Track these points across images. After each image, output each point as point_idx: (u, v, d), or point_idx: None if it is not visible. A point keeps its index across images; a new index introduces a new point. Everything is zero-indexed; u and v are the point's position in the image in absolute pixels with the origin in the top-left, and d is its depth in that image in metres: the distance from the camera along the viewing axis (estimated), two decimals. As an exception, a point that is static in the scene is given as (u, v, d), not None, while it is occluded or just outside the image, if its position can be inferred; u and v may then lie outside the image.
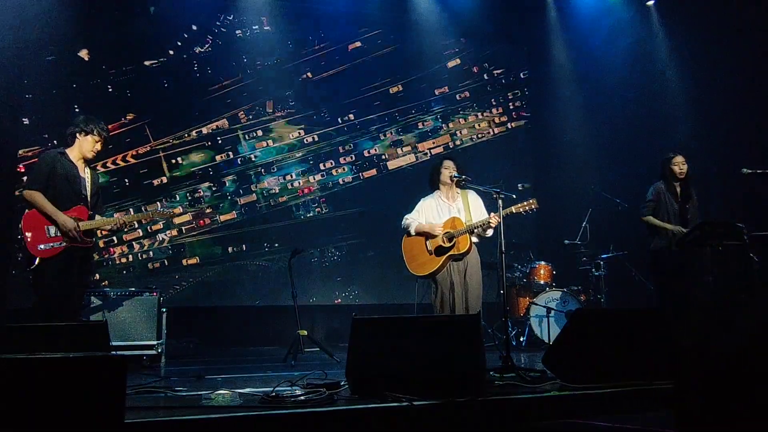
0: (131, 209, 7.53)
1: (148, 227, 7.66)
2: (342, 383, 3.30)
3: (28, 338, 3.32)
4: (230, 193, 8.05)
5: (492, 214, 4.63)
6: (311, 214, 8.36)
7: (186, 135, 7.95)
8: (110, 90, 7.62)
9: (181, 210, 7.76)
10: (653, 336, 3.68)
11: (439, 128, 9.02)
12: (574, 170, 8.46)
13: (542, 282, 7.05)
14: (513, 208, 4.52)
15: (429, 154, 8.87)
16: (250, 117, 8.25)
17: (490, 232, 4.81)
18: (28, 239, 4.17)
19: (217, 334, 7.20)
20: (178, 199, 7.79)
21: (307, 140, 8.41)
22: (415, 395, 2.89)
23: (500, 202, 4.40)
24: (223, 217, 7.98)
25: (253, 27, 8.38)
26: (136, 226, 7.53)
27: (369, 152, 8.70)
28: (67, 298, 4.26)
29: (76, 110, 7.16)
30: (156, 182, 7.74)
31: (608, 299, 6.88)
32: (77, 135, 4.46)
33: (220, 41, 8.24)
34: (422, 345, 3.25)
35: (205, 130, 8.04)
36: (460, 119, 9.14)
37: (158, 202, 7.70)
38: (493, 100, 9.30)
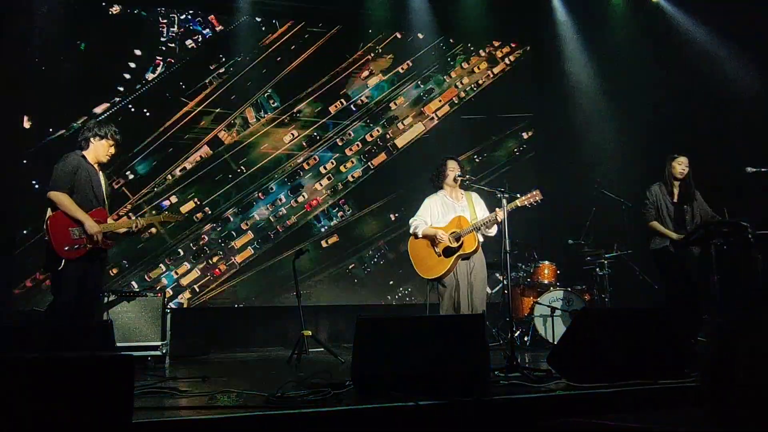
0: (134, 283, 6.86)
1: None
2: (347, 383, 3.30)
3: (33, 338, 3.34)
4: (238, 228, 7.28)
5: (497, 209, 4.65)
6: (335, 221, 7.63)
7: (168, 177, 7.09)
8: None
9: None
10: (658, 335, 3.69)
11: (441, 82, 8.21)
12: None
13: (546, 281, 7.04)
14: (518, 202, 4.56)
15: (436, 118, 8.06)
16: (233, 134, 7.36)
17: (493, 231, 4.82)
18: (54, 241, 4.18)
19: (222, 335, 7.19)
20: (182, 254, 7.04)
21: (304, 141, 7.61)
22: (420, 395, 2.89)
23: (504, 200, 4.41)
24: (239, 258, 7.25)
25: (204, 31, 7.39)
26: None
27: (372, 135, 7.85)
28: (86, 299, 4.30)
29: (35, 186, 6.48)
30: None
31: (612, 298, 6.86)
32: (91, 140, 4.49)
33: (173, 59, 7.23)
34: (427, 345, 3.26)
35: (188, 165, 7.17)
36: (463, 64, 8.27)
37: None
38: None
